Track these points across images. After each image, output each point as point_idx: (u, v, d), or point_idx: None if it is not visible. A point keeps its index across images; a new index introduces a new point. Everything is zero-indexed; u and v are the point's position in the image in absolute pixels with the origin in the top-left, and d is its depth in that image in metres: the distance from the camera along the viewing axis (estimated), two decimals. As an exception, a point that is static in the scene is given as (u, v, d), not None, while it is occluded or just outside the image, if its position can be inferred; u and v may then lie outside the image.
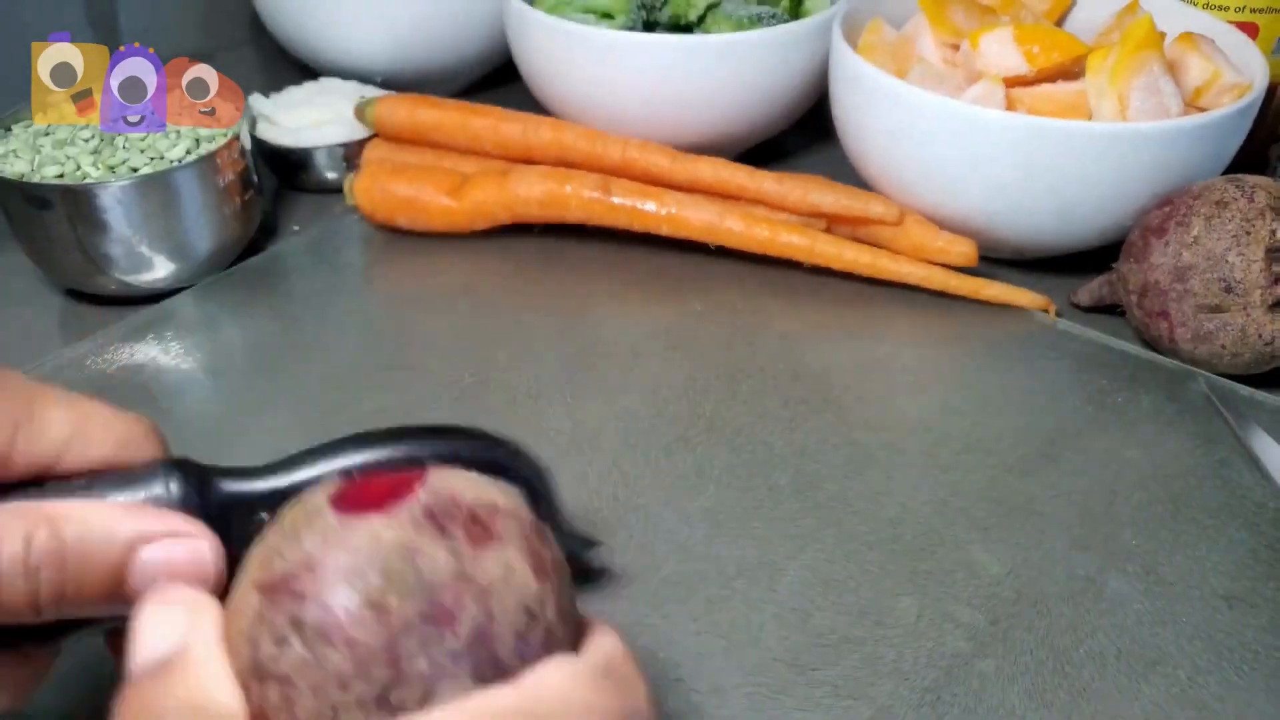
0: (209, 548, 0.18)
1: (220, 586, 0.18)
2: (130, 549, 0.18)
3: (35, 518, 0.17)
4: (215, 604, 0.17)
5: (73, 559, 0.17)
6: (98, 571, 0.18)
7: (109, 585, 0.18)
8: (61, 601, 0.18)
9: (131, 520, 0.18)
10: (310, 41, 0.49)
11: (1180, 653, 0.25)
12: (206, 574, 0.18)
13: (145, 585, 0.18)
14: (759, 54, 0.41)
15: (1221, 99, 0.37)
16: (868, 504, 0.29)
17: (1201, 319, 0.34)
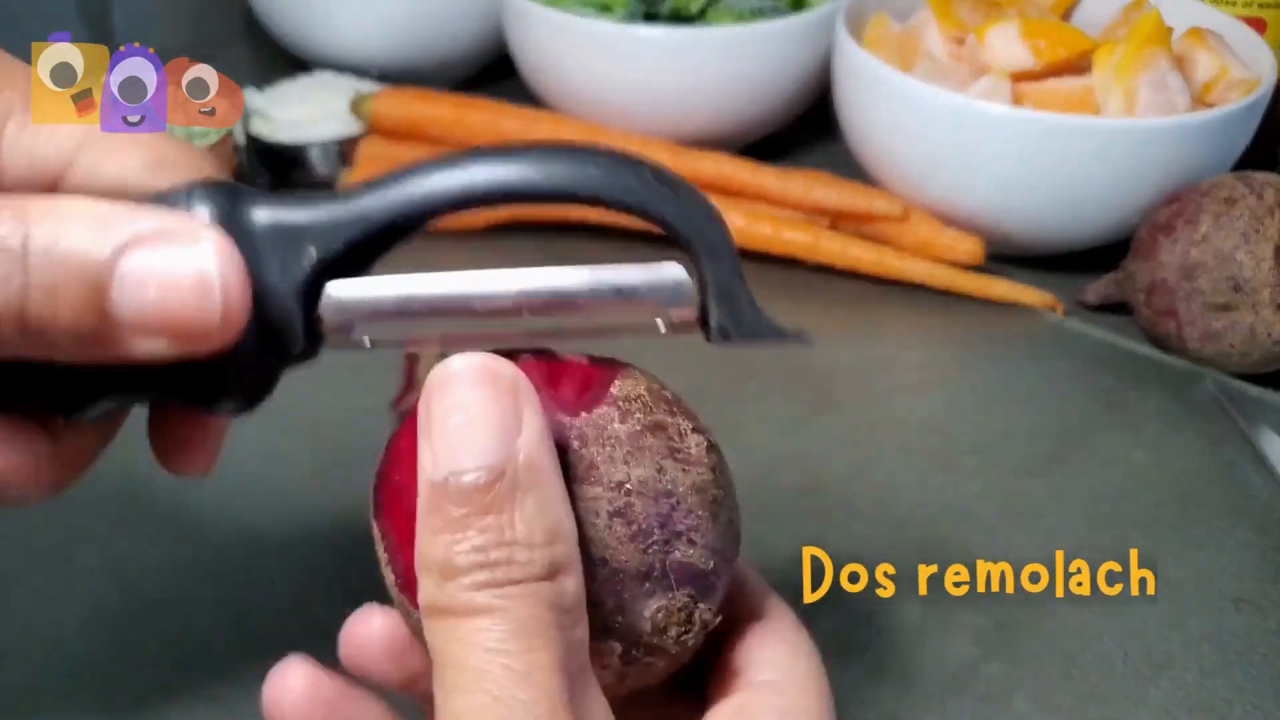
0: (217, 255, 0.14)
1: (238, 312, 0.14)
2: (115, 254, 0.13)
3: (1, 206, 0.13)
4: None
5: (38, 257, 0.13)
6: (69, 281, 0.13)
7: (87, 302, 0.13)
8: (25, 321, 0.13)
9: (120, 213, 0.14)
10: (304, 36, 0.48)
11: (1188, 655, 0.25)
12: (210, 284, 0.14)
13: (132, 303, 0.13)
14: (761, 47, 0.41)
15: (1229, 95, 0.37)
16: (873, 506, 0.29)
17: (1210, 318, 0.33)
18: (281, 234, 0.15)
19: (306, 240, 0.15)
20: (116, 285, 0.13)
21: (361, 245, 0.15)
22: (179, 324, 0.14)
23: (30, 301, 0.13)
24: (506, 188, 0.15)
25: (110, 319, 0.14)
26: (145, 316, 0.14)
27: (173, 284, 0.14)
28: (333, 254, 0.15)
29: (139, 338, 0.14)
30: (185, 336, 0.14)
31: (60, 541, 0.27)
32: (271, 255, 0.15)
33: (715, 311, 0.16)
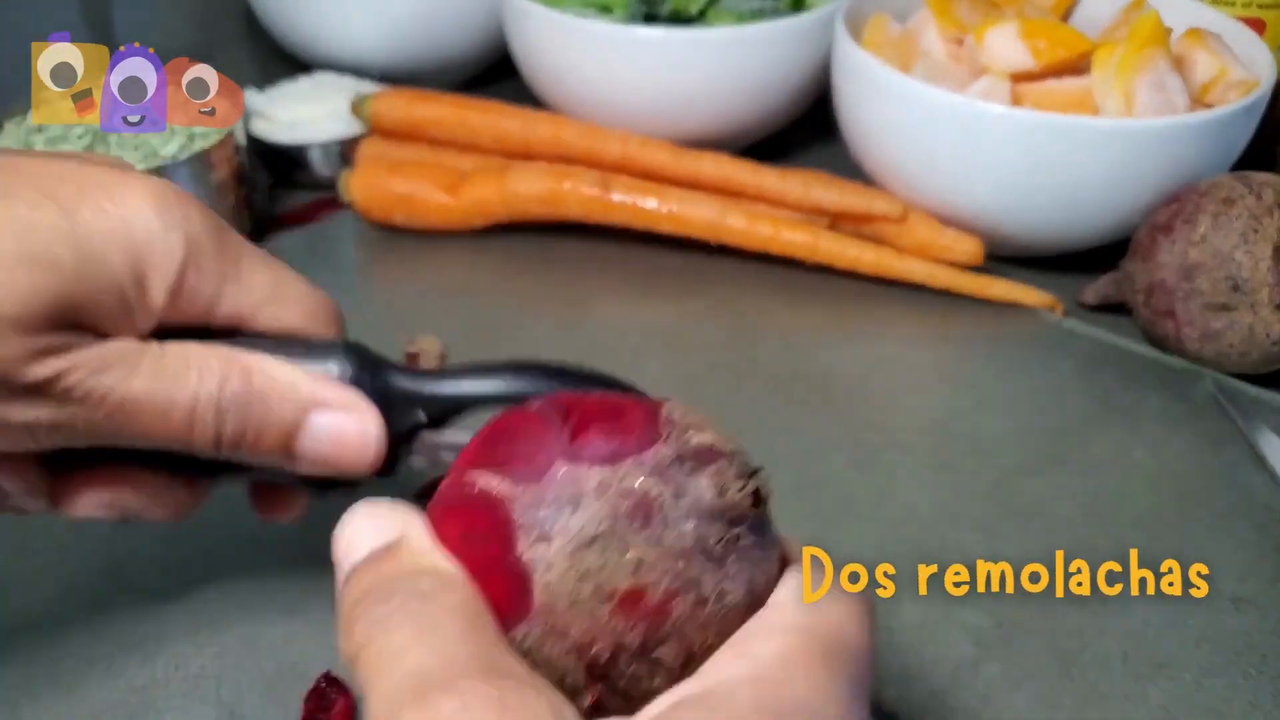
0: (375, 427, 0.20)
1: (380, 461, 0.20)
2: (306, 412, 0.20)
3: (232, 364, 0.19)
4: (419, 511, 0.17)
5: (256, 409, 0.19)
6: (274, 425, 0.20)
7: (281, 441, 0.20)
8: (238, 446, 0.19)
9: (312, 385, 0.20)
10: (305, 36, 0.49)
11: (1187, 655, 0.25)
12: (369, 450, 0.20)
13: (312, 448, 0.20)
14: (761, 48, 0.41)
15: (1228, 95, 0.37)
16: (871, 506, 0.29)
17: (1209, 318, 0.33)
18: (404, 398, 0.21)
19: (419, 405, 0.21)
20: (305, 433, 0.20)
21: (449, 413, 0.21)
22: (339, 465, 0.20)
23: (244, 436, 0.20)
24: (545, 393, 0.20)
25: (293, 453, 0.20)
26: (318, 457, 0.20)
27: (344, 441, 0.20)
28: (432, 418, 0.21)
29: (307, 466, 0.20)
30: (339, 472, 0.20)
31: (60, 542, 0.27)
32: (395, 410, 0.21)
33: None
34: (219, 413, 0.19)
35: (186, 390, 0.19)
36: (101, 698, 0.23)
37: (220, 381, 0.19)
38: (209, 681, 0.24)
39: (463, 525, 0.16)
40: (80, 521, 0.27)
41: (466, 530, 0.16)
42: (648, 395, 0.20)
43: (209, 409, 0.19)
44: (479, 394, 0.21)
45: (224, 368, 0.19)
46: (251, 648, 0.25)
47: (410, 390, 0.21)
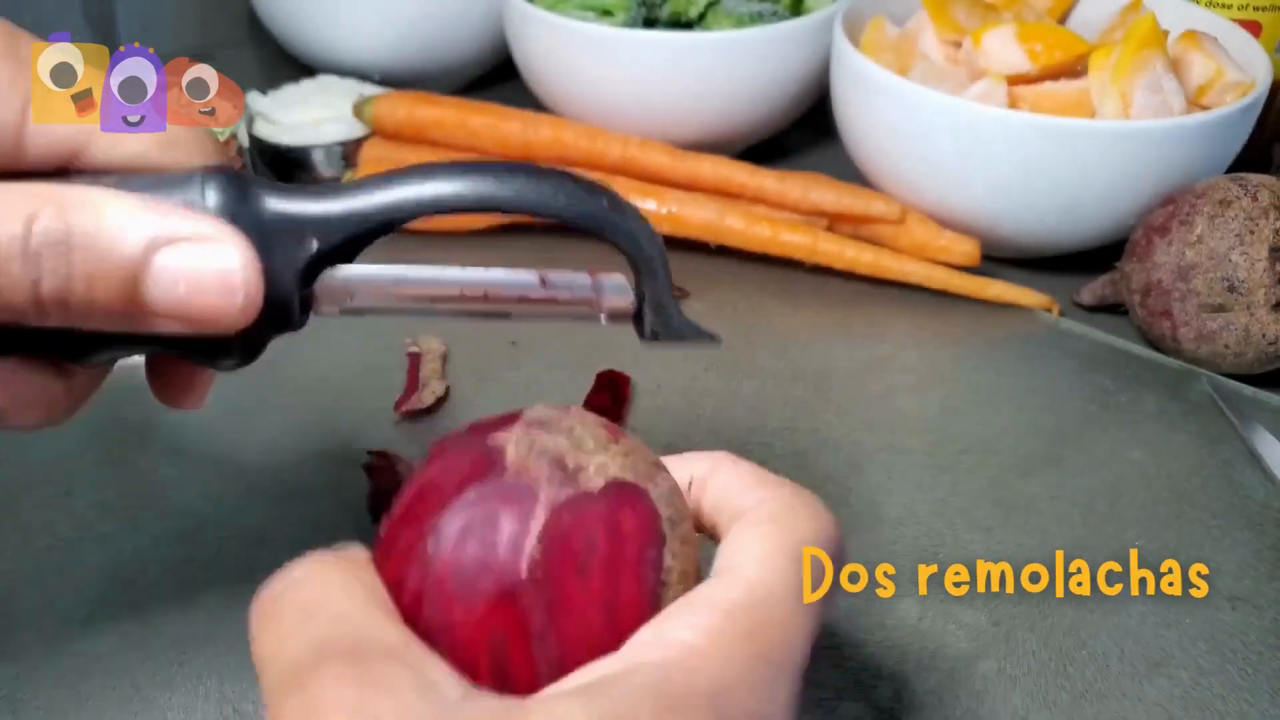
0: (240, 258, 0.16)
1: (255, 305, 0.16)
2: (148, 251, 0.15)
3: (42, 198, 0.15)
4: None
5: (80, 252, 0.15)
6: (109, 272, 0.15)
7: (120, 290, 0.16)
8: (67, 303, 0.15)
9: (152, 217, 0.16)
10: (308, 39, 0.49)
11: (1183, 654, 0.25)
12: (235, 290, 0.16)
13: (163, 296, 0.16)
14: (760, 51, 0.41)
15: (1224, 97, 0.37)
16: (869, 505, 0.29)
17: (1205, 318, 0.33)
18: (287, 224, 0.17)
19: (309, 232, 0.17)
20: (149, 279, 0.16)
21: (352, 239, 0.18)
22: (202, 315, 0.16)
23: (72, 289, 0.15)
24: (483, 199, 0.17)
25: (141, 305, 0.16)
26: (173, 307, 0.16)
27: (200, 282, 0.16)
28: (330, 246, 0.17)
29: (164, 321, 0.16)
30: (205, 323, 0.16)
31: (63, 540, 0.27)
32: (276, 242, 0.17)
33: (649, 317, 0.19)
34: (28, 258, 0.15)
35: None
36: (104, 695, 0.23)
37: (26, 220, 0.15)
38: (212, 679, 0.24)
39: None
40: (82, 519, 0.28)
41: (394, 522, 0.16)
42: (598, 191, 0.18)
43: (13, 255, 0.15)
44: (381, 207, 0.17)
45: (30, 203, 0.15)
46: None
47: (293, 213, 0.17)
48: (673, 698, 0.14)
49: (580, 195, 0.18)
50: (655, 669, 0.14)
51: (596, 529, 0.15)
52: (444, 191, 0.17)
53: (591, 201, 0.18)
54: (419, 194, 0.17)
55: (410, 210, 0.17)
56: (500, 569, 0.15)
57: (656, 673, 0.14)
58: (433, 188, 0.17)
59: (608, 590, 0.15)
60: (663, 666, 0.14)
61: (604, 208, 0.18)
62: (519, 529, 0.15)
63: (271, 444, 0.31)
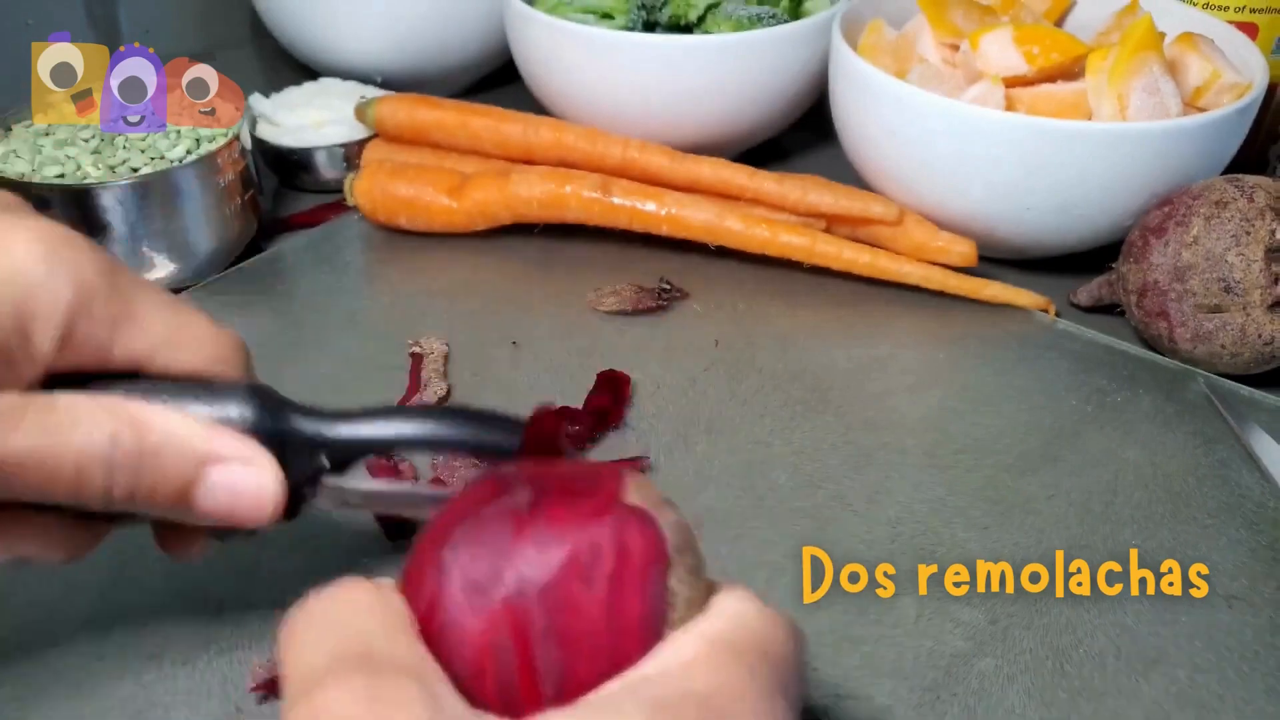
0: (272, 481, 0.20)
1: (279, 514, 0.20)
2: (202, 467, 0.19)
3: (123, 418, 0.18)
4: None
5: (149, 465, 0.19)
6: (168, 481, 0.19)
7: (176, 494, 0.19)
8: (131, 500, 0.19)
9: (209, 439, 0.19)
10: (310, 42, 0.49)
11: (1180, 652, 0.25)
12: (266, 503, 0.20)
13: (209, 503, 0.19)
14: (759, 54, 0.41)
15: (1221, 99, 0.37)
16: (867, 504, 0.29)
17: (1201, 319, 0.34)
18: (306, 442, 0.21)
19: (323, 450, 0.21)
20: (200, 489, 0.19)
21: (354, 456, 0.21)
22: (238, 518, 0.20)
23: (137, 491, 0.19)
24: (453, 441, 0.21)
25: (188, 506, 0.20)
26: (214, 511, 0.20)
27: (240, 494, 0.20)
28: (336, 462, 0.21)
29: (205, 518, 0.20)
30: (237, 524, 0.20)
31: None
32: (296, 456, 0.21)
33: None
34: (109, 470, 0.18)
35: (73, 447, 0.18)
36: (108, 694, 0.24)
37: (110, 437, 0.18)
38: (214, 678, 0.24)
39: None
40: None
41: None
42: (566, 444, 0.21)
43: (98, 466, 0.18)
44: (380, 438, 0.21)
45: (115, 423, 0.18)
46: (257, 645, 0.25)
47: (312, 434, 0.21)
48: (667, 703, 0.14)
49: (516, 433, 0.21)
50: (650, 682, 0.15)
51: (604, 545, 0.16)
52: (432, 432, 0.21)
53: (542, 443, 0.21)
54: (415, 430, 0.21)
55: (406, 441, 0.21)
56: (506, 579, 0.15)
57: (651, 685, 0.15)
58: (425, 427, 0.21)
59: (611, 603, 0.15)
60: (658, 679, 0.15)
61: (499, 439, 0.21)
62: (528, 543, 0.16)
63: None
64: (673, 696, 0.14)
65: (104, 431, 0.18)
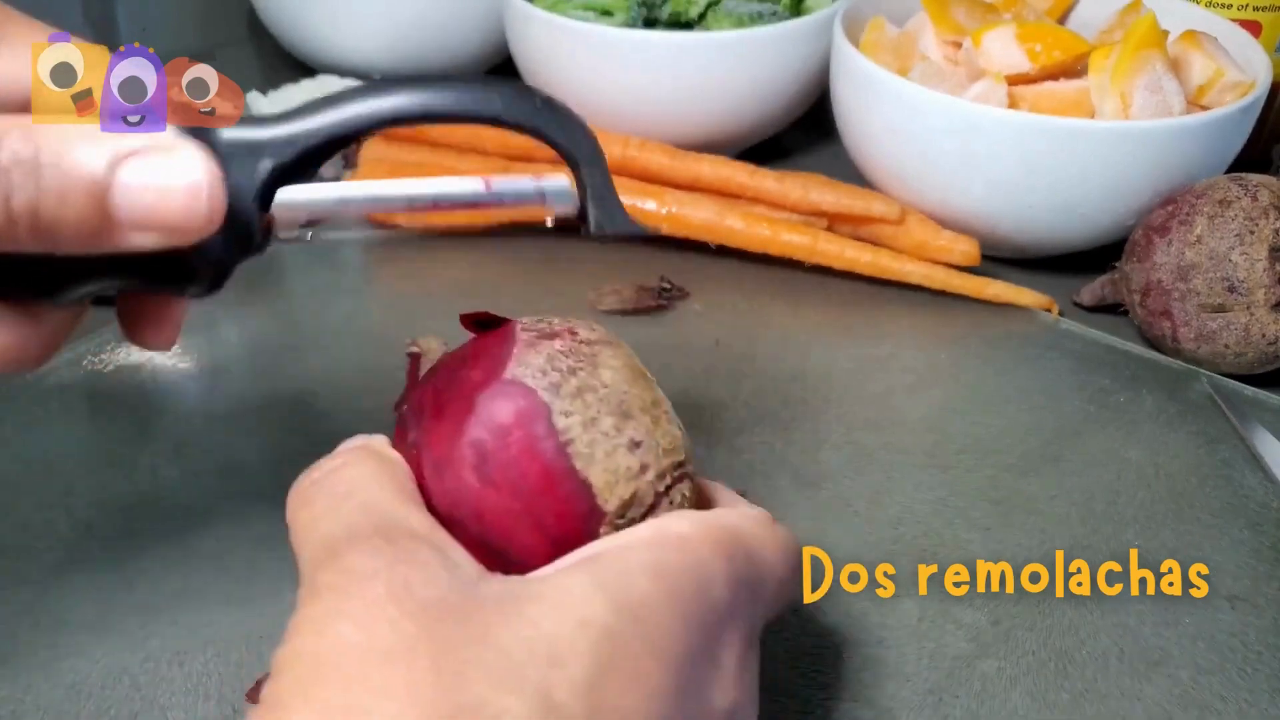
0: (202, 163, 0.17)
1: (219, 209, 0.17)
2: (114, 163, 0.16)
3: (8, 123, 0.16)
4: None
5: (48, 169, 0.16)
6: (76, 185, 0.16)
7: (90, 205, 0.16)
8: (38, 220, 0.16)
9: (114, 134, 0.16)
10: (308, 40, 0.49)
11: (1183, 653, 0.25)
12: (200, 197, 0.17)
13: (131, 206, 0.16)
14: (759, 51, 0.41)
15: (1224, 97, 0.37)
16: (868, 504, 0.29)
17: (1204, 318, 0.33)
18: (242, 147, 0.18)
19: (264, 153, 0.18)
20: (117, 191, 0.16)
21: (305, 157, 0.18)
22: (170, 222, 0.17)
23: (42, 206, 0.16)
24: (427, 110, 0.19)
25: (111, 219, 0.16)
26: (141, 216, 0.17)
27: (166, 189, 0.16)
28: (284, 164, 0.18)
29: (134, 233, 0.17)
30: (174, 231, 0.17)
31: (64, 539, 0.27)
32: (234, 164, 0.18)
33: (593, 213, 0.20)
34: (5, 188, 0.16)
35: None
36: (104, 695, 0.23)
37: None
38: (212, 679, 0.24)
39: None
40: (82, 520, 0.28)
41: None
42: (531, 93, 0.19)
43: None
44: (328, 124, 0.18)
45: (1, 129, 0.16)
46: (255, 647, 0.25)
47: (247, 138, 0.18)
48: (666, 572, 0.16)
49: (517, 99, 0.19)
50: (650, 547, 0.16)
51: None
52: (385, 106, 0.18)
53: (526, 103, 0.19)
54: (361, 110, 0.18)
55: (354, 126, 0.18)
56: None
57: (651, 551, 0.16)
58: (374, 103, 0.18)
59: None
60: (657, 546, 0.16)
61: (538, 107, 0.19)
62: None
63: (272, 444, 0.31)
64: (671, 566, 0.16)
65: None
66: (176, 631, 0.25)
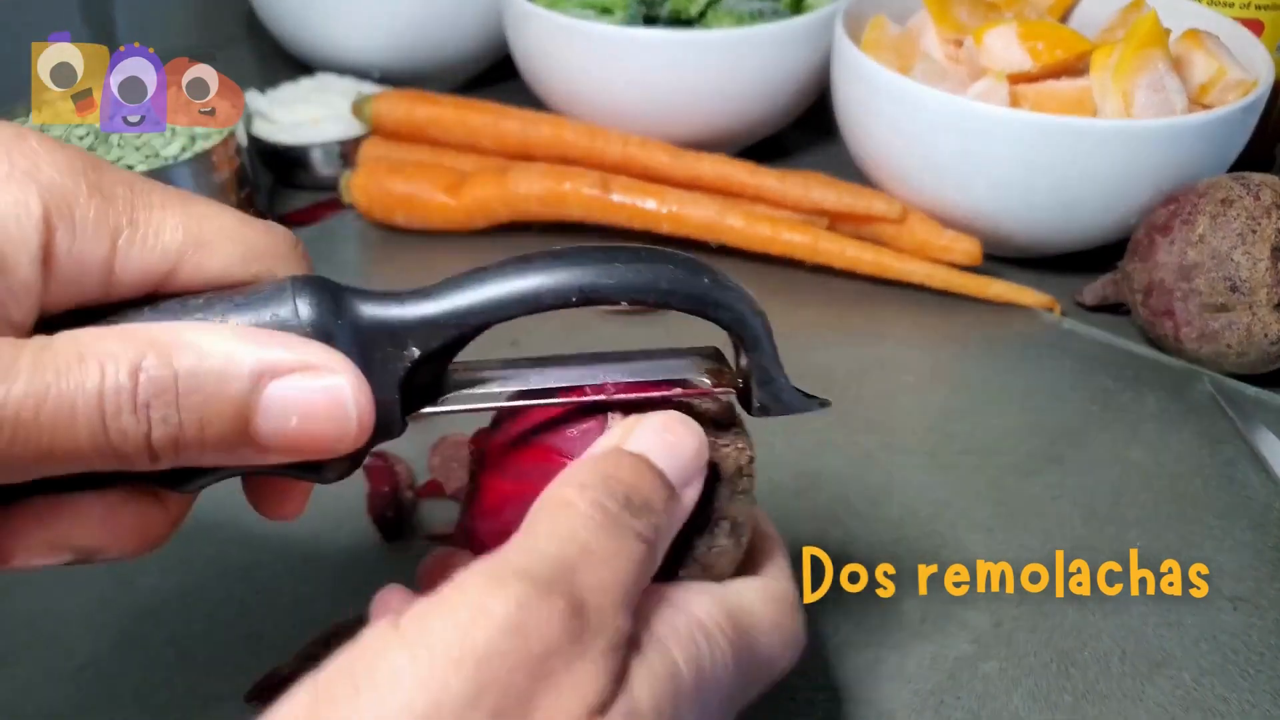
0: (350, 383, 0.15)
1: (368, 429, 0.16)
2: (256, 383, 0.15)
3: (142, 344, 0.14)
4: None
5: (188, 394, 0.15)
6: (218, 410, 0.15)
7: (233, 427, 0.15)
8: (179, 445, 0.15)
9: (256, 348, 0.15)
10: (307, 38, 0.49)
11: (1185, 654, 0.25)
12: (349, 415, 0.15)
13: (276, 430, 0.15)
14: (760, 50, 0.41)
15: (1226, 96, 0.37)
16: (870, 505, 0.29)
17: (1207, 318, 0.33)
18: (385, 332, 0.16)
19: (409, 340, 0.16)
20: (261, 414, 0.15)
21: (451, 345, 0.17)
22: (316, 444, 0.16)
23: (183, 433, 0.15)
24: (588, 291, 0.17)
25: (254, 441, 0.15)
26: (287, 440, 0.15)
27: (312, 412, 0.15)
28: (429, 351, 0.17)
29: (277, 455, 0.16)
30: (320, 452, 0.16)
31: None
32: (376, 352, 0.16)
33: (757, 393, 0.20)
34: (139, 408, 0.14)
35: (87, 388, 0.14)
36: (102, 698, 0.23)
37: (131, 369, 0.14)
38: (210, 681, 0.24)
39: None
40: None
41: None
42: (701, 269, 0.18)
43: (124, 405, 0.14)
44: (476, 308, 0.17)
45: (134, 349, 0.14)
46: (253, 646, 0.25)
47: (390, 320, 0.16)
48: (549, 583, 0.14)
49: (684, 278, 0.17)
50: (547, 558, 0.15)
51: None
52: (543, 285, 0.17)
53: (696, 282, 0.18)
54: (515, 290, 0.17)
55: (508, 309, 0.17)
56: None
57: (548, 560, 0.15)
58: (530, 282, 0.17)
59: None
60: (557, 558, 0.15)
61: (707, 286, 0.18)
62: None
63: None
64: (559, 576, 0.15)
65: (123, 361, 0.14)
66: (174, 634, 0.25)
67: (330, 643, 0.24)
